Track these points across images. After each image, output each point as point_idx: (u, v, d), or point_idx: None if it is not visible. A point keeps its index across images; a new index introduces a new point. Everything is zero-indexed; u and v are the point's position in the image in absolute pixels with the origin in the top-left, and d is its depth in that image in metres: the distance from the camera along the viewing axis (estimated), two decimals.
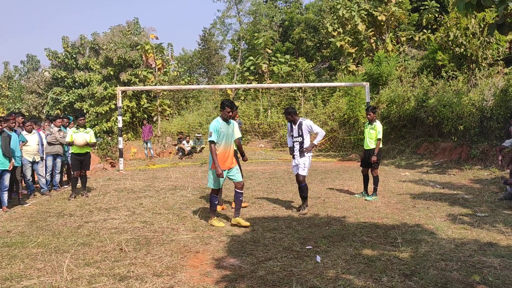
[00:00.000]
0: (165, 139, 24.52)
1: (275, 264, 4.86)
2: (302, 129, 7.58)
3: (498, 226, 6.27)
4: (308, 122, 7.64)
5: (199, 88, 26.65)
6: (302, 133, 7.57)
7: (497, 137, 13.15)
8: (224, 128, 6.61)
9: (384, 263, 4.80)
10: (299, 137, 7.61)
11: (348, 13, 24.43)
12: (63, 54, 31.64)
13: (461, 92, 15.42)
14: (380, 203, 8.42)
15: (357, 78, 21.79)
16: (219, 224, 6.70)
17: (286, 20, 38.30)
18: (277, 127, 24.30)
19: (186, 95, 31.77)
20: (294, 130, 7.68)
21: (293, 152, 7.75)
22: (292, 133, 7.73)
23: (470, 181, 10.88)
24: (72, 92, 30.60)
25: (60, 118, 11.20)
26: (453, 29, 18.00)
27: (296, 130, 7.64)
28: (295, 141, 7.68)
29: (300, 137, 7.60)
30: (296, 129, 7.64)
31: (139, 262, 5.03)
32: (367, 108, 9.30)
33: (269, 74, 28.66)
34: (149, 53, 27.74)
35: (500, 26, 7.58)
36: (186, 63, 45.70)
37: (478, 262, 4.77)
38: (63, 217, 7.70)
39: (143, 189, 10.63)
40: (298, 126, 7.62)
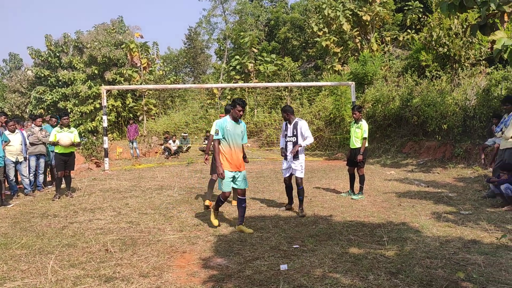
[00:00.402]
0: (151, 139, 24.35)
1: (262, 264, 4.86)
2: (297, 129, 7.45)
3: (482, 223, 6.37)
4: (303, 123, 7.50)
5: (185, 87, 26.54)
6: (297, 133, 7.43)
7: (480, 136, 13.35)
8: (231, 127, 6.23)
9: (370, 261, 4.83)
10: (293, 137, 7.48)
11: (333, 13, 24.58)
12: (46, 52, 31.23)
13: (445, 91, 15.61)
14: (366, 201, 8.48)
15: (342, 78, 21.94)
16: (214, 221, 6.56)
17: (272, 20, 38.33)
18: (264, 127, 24.32)
19: (172, 95, 31.61)
20: (288, 129, 7.55)
21: (286, 152, 7.57)
22: (286, 133, 7.59)
23: (454, 179, 11.03)
24: (55, 91, 30.23)
25: (40, 117, 11.04)
26: (437, 29, 18.22)
27: (291, 130, 7.51)
28: (289, 140, 7.53)
29: (294, 137, 7.46)
30: (291, 128, 7.51)
31: (125, 262, 4.99)
32: (352, 107, 9.36)
33: (255, 73, 28.67)
34: (134, 52, 27.51)
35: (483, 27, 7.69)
36: (171, 62, 45.51)
37: (462, 259, 4.83)
38: (47, 218, 7.59)
39: (129, 189, 10.54)
40: (293, 125, 7.49)
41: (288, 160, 7.56)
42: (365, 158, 9.10)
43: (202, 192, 9.87)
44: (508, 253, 4.98)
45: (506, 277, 4.28)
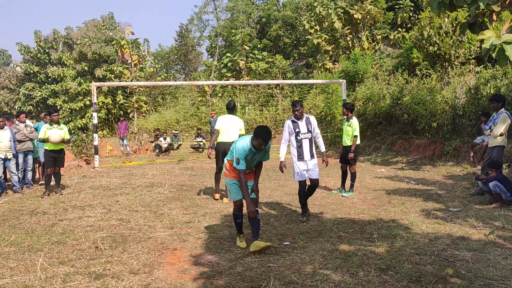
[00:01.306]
0: (142, 136, 24.25)
1: (253, 260, 4.87)
2: (311, 124, 6.85)
3: (470, 220, 6.44)
4: (313, 118, 6.97)
5: (176, 84, 26.46)
6: (311, 129, 6.84)
7: (469, 134, 13.48)
8: (250, 155, 5.39)
9: (360, 258, 4.87)
10: (308, 133, 6.81)
11: (325, 11, 24.64)
12: (36, 48, 30.89)
13: (435, 90, 15.73)
14: (356, 199, 8.53)
15: (333, 76, 22.01)
16: (241, 244, 5.52)
17: (263, 17, 38.33)
18: (255, 124, 24.29)
19: (163, 92, 31.49)
20: (301, 126, 6.81)
21: (300, 151, 6.82)
22: (298, 130, 6.81)
23: (443, 177, 11.12)
24: (45, 87, 29.94)
25: (23, 113, 10.94)
26: (427, 28, 18.36)
27: (304, 126, 6.82)
28: (304, 137, 6.79)
29: (310, 133, 6.82)
30: (304, 124, 6.82)
31: (115, 260, 4.97)
32: (343, 105, 9.39)
33: (246, 71, 28.64)
34: (124, 49, 27.36)
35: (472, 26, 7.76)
36: (162, 59, 45.29)
37: (451, 255, 4.88)
38: (36, 215, 7.53)
39: (119, 187, 10.49)
40: (305, 121, 6.84)
41: (305, 160, 6.84)
42: (357, 156, 9.14)
43: (193, 189, 9.86)
44: (496, 250, 5.04)
45: (493, 273, 4.33)
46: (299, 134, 6.80)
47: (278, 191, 9.44)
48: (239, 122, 8.68)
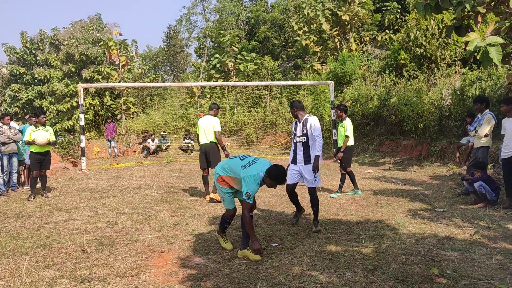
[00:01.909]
0: (130, 138, 24.09)
1: (241, 262, 4.87)
2: (307, 126, 6.33)
3: (456, 220, 6.51)
4: (313, 120, 6.34)
5: (165, 85, 26.36)
6: (307, 132, 6.31)
7: (455, 135, 13.64)
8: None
9: (347, 258, 4.89)
10: (303, 136, 6.34)
11: (313, 13, 24.77)
12: (22, 49, 30.54)
13: (421, 91, 15.90)
14: (344, 200, 8.57)
15: (322, 77, 22.10)
16: (227, 245, 5.43)
17: (252, 18, 38.39)
18: (243, 125, 24.31)
19: (151, 93, 31.35)
20: (298, 128, 6.43)
21: (295, 156, 6.44)
22: (295, 132, 6.49)
23: (429, 177, 11.23)
24: (31, 89, 29.61)
25: (8, 115, 10.80)
26: (414, 30, 18.56)
27: (300, 128, 6.38)
28: (298, 141, 6.39)
29: (304, 136, 6.32)
30: (300, 127, 6.39)
31: (101, 263, 4.93)
32: (336, 106, 9.40)
33: (235, 72, 28.64)
34: (112, 50, 27.18)
35: (458, 28, 7.86)
36: (151, 60, 45.11)
37: (437, 255, 4.93)
38: (21, 218, 7.44)
39: (107, 189, 10.41)
40: (303, 123, 6.38)
41: (298, 164, 6.38)
42: (349, 157, 9.13)
43: (181, 191, 9.82)
44: (481, 249, 5.10)
45: (478, 272, 4.38)
46: (295, 137, 6.48)
47: (266, 192, 9.44)
48: (214, 121, 8.79)
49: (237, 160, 5.22)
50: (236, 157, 5.31)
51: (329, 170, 13.16)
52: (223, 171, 5.26)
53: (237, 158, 5.28)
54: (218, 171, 5.34)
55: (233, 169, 5.14)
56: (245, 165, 5.07)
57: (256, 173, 4.96)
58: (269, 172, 4.93)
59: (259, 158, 5.23)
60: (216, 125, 8.74)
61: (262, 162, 5.14)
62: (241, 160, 5.19)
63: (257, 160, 5.15)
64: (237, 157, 5.31)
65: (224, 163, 5.32)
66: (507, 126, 7.45)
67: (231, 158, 5.33)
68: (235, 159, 5.25)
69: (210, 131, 8.73)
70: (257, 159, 5.19)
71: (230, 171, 5.17)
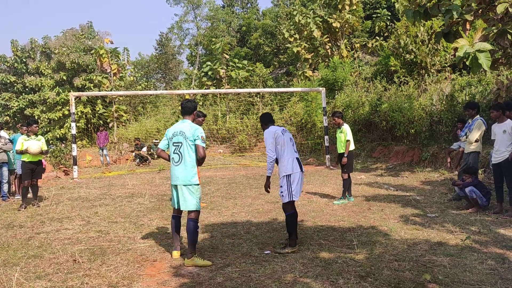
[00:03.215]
0: (122, 146, 24.00)
1: (234, 270, 4.86)
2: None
3: (447, 226, 6.55)
4: (265, 133, 5.88)
5: (157, 93, 26.27)
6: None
7: (446, 140, 13.75)
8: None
9: (340, 265, 4.90)
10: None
11: (304, 20, 24.95)
12: (12, 58, 30.43)
13: (412, 97, 16.03)
14: (336, 206, 8.59)
15: (313, 84, 22.21)
16: (204, 263, 5.12)
17: (243, 26, 38.53)
18: (236, 132, 24.31)
19: (143, 101, 31.27)
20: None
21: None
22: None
23: (421, 183, 11.30)
24: (22, 97, 29.48)
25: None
26: (403, 37, 18.75)
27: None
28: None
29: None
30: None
31: (93, 273, 4.89)
32: (332, 114, 9.40)
33: (227, 79, 28.68)
34: (103, 58, 27.09)
35: (447, 34, 7.96)
36: (142, 68, 45.07)
37: (429, 261, 4.96)
38: (12, 228, 7.37)
39: (99, 197, 10.35)
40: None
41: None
42: (351, 162, 9.12)
43: None
44: (472, 254, 5.14)
45: (470, 277, 4.41)
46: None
47: (259, 200, 9.45)
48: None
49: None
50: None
51: (322, 176, 13.20)
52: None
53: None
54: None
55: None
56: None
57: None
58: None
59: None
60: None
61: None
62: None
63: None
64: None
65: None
66: (497, 131, 7.53)
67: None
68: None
69: None
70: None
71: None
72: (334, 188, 10.85)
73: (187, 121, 5.44)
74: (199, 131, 5.26)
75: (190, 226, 5.21)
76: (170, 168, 5.42)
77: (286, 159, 5.69)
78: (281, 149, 5.69)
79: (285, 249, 5.53)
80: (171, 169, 5.40)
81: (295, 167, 5.70)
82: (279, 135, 5.70)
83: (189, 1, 41.11)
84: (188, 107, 5.50)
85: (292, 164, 5.68)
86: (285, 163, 5.69)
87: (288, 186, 5.65)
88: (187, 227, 5.24)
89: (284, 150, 5.70)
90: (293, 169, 5.66)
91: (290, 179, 5.65)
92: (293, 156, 5.73)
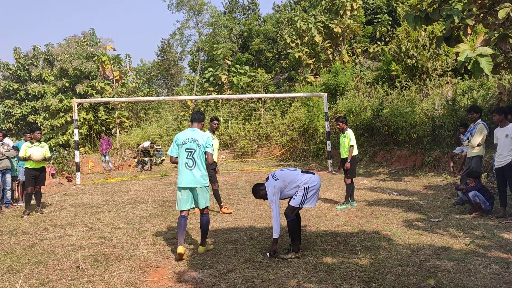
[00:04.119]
0: (124, 152, 24.04)
1: (237, 276, 4.85)
2: None
3: (451, 230, 6.53)
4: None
5: (159, 99, 26.38)
6: None
7: (448, 145, 13.72)
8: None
9: (344, 270, 4.89)
10: None
11: (305, 25, 25.02)
12: (15, 65, 30.55)
13: (414, 101, 16.03)
14: (339, 211, 8.58)
15: (315, 89, 22.24)
16: (212, 246, 6.06)
17: (245, 32, 38.66)
18: (238, 138, 24.34)
19: (145, 107, 31.38)
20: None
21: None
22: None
23: (424, 187, 11.28)
24: (25, 104, 29.56)
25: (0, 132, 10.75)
26: (405, 42, 18.78)
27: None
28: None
29: None
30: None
31: (97, 279, 4.89)
32: (336, 119, 9.40)
33: (228, 85, 28.76)
34: (106, 65, 27.22)
35: (448, 39, 7.96)
36: (144, 74, 45.25)
37: (433, 266, 4.94)
38: (16, 235, 7.38)
39: (102, 204, 10.36)
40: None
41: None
42: (354, 167, 9.11)
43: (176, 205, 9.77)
44: (476, 259, 5.12)
45: (474, 282, 4.40)
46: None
47: (262, 205, 9.43)
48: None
49: None
50: None
51: (324, 181, 13.17)
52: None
53: None
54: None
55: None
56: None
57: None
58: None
59: None
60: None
61: None
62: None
63: None
64: None
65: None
66: (500, 135, 7.52)
67: None
68: None
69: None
70: None
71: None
72: (336, 193, 10.84)
73: (197, 129, 6.02)
74: (210, 140, 5.95)
75: (205, 219, 5.90)
76: (181, 172, 5.82)
77: (299, 182, 5.68)
78: (291, 183, 5.68)
79: (288, 254, 5.54)
80: (183, 173, 5.81)
81: (313, 180, 5.70)
82: (277, 188, 5.65)
83: (190, 7, 41.31)
84: (199, 118, 6.15)
85: (309, 179, 5.69)
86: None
87: (304, 194, 5.67)
88: (202, 221, 5.89)
89: (293, 180, 5.70)
90: (312, 183, 5.68)
91: (309, 190, 5.66)
92: (302, 178, 5.70)
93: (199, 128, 6.08)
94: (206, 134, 5.79)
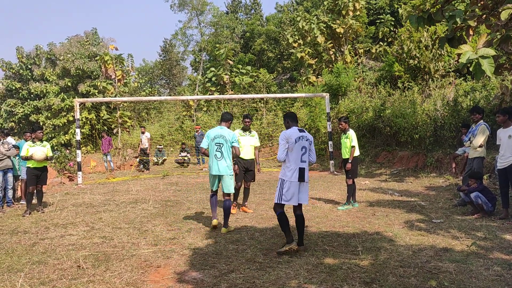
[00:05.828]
0: (126, 152, 24.04)
1: (238, 276, 4.84)
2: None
3: (453, 231, 6.51)
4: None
5: (161, 99, 26.35)
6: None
7: (450, 146, 13.69)
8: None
9: (345, 271, 4.87)
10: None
11: (307, 26, 25.00)
12: (18, 65, 30.59)
13: (416, 102, 16.00)
14: (341, 212, 8.56)
15: (317, 89, 22.21)
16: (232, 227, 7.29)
17: (247, 32, 38.65)
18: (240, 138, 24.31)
19: (147, 107, 31.36)
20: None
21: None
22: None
23: (426, 188, 11.25)
24: (27, 104, 29.60)
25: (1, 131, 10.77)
26: (407, 42, 18.74)
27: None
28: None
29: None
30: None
31: (97, 279, 4.89)
32: (339, 118, 9.39)
33: (231, 85, 28.75)
34: (108, 64, 27.21)
35: (450, 40, 7.94)
36: (147, 74, 45.24)
37: (434, 267, 4.92)
38: (17, 234, 7.39)
39: (103, 203, 10.36)
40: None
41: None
42: (355, 168, 9.07)
43: (177, 205, 9.79)
44: (478, 260, 5.10)
45: (476, 284, 4.38)
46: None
47: (263, 205, 9.43)
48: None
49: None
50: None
51: (326, 182, 13.17)
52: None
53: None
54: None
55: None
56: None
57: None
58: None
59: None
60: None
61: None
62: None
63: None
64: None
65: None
66: (502, 136, 7.50)
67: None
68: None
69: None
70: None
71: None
72: (338, 193, 10.82)
73: (224, 127, 7.23)
74: (235, 136, 7.20)
75: (227, 204, 7.07)
76: (211, 162, 7.12)
77: (288, 165, 5.78)
78: (289, 154, 5.77)
79: (283, 247, 5.65)
80: (213, 163, 7.09)
81: (294, 176, 5.72)
82: (291, 140, 5.72)
83: (193, 7, 41.31)
84: (226, 117, 7.45)
85: (292, 173, 5.73)
86: (286, 168, 5.81)
87: (280, 189, 5.82)
88: (224, 205, 7.08)
89: (290, 156, 5.77)
90: (291, 177, 5.72)
91: (284, 184, 5.77)
92: (297, 165, 5.74)
93: (227, 127, 7.26)
94: (233, 132, 7.17)
